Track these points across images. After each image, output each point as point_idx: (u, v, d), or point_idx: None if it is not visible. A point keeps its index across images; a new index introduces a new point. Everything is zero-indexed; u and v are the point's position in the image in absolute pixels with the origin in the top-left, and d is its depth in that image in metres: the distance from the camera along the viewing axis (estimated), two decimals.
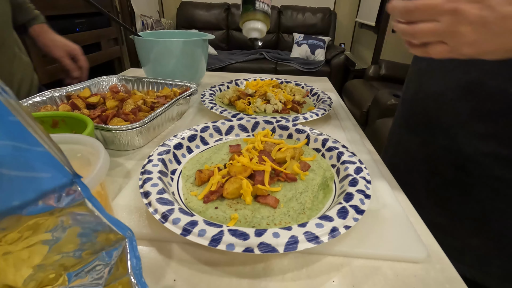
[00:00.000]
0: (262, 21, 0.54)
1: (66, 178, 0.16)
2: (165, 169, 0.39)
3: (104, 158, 0.27)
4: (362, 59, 3.35)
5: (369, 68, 2.70)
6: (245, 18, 0.54)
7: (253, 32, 0.55)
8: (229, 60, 2.81)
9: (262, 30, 0.55)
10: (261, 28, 0.55)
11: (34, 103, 0.53)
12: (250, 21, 0.54)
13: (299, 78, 1.00)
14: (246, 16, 0.54)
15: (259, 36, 0.56)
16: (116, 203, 0.36)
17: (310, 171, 0.42)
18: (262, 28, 0.55)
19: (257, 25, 0.54)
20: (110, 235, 0.17)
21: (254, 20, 0.54)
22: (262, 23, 0.55)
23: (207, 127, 0.51)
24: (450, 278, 0.29)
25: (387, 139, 0.64)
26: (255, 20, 0.54)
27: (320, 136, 0.48)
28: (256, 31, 0.55)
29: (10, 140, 0.14)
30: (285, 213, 0.34)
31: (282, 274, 0.29)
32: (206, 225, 0.29)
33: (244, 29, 0.56)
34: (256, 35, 0.55)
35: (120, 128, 0.46)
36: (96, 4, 0.68)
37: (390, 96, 1.83)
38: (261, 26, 0.54)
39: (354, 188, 0.35)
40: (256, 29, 0.55)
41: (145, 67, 0.80)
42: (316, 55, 2.99)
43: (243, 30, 0.56)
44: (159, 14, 3.32)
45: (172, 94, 0.64)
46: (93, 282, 0.17)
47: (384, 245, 0.31)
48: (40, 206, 0.15)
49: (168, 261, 0.30)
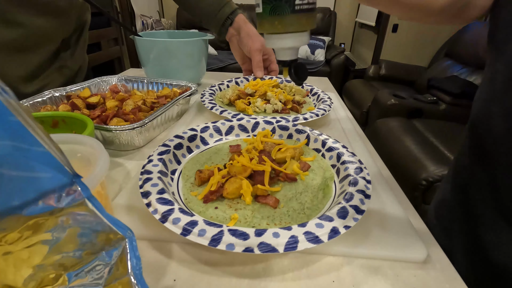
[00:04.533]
0: (304, 29, 0.30)
1: (66, 178, 0.16)
2: (165, 169, 0.39)
3: (104, 158, 0.27)
4: (362, 59, 3.35)
5: (369, 68, 2.70)
6: (274, 27, 0.30)
7: (289, 52, 0.32)
8: (229, 60, 2.81)
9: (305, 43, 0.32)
10: (305, 42, 0.31)
11: (34, 103, 0.53)
12: (284, 35, 0.30)
13: None
14: (278, 23, 0.29)
15: (296, 55, 0.33)
16: (116, 203, 0.36)
17: (310, 171, 0.42)
18: (305, 42, 0.31)
19: (298, 40, 0.30)
20: (110, 235, 0.17)
21: (295, 32, 0.30)
22: (306, 33, 0.31)
23: (207, 127, 0.50)
24: (450, 278, 0.29)
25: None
26: (296, 32, 0.30)
27: (320, 136, 0.48)
28: (294, 49, 0.32)
29: (10, 140, 0.14)
30: (285, 213, 0.34)
31: (282, 274, 0.29)
32: (206, 225, 0.29)
33: (272, 45, 0.32)
34: (293, 55, 0.32)
35: (120, 128, 0.46)
36: (96, 4, 0.68)
37: (390, 96, 1.83)
38: (305, 40, 0.31)
39: (354, 188, 0.35)
40: (295, 48, 0.32)
41: (145, 67, 0.80)
42: (316, 55, 2.99)
43: (267, 43, 0.32)
44: (159, 14, 3.32)
45: (172, 94, 0.64)
46: (93, 282, 0.17)
47: (384, 245, 0.31)
48: (40, 206, 0.15)
49: (168, 261, 0.30)
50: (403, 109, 1.79)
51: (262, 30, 0.31)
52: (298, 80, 0.33)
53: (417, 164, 1.28)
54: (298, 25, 0.29)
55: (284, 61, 0.33)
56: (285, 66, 0.33)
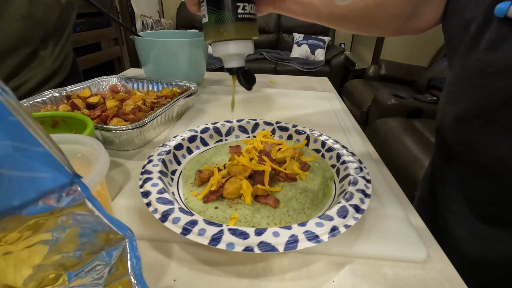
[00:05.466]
0: (249, 37, 0.32)
1: (66, 178, 0.16)
2: (165, 169, 0.39)
3: (104, 158, 0.27)
4: (362, 59, 3.35)
5: (369, 68, 2.70)
6: (220, 34, 0.31)
7: (236, 60, 0.33)
8: None
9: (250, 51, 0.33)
10: (250, 50, 0.33)
11: (34, 103, 0.53)
12: (229, 42, 0.31)
13: (299, 78, 1.00)
14: (223, 31, 0.31)
15: (243, 63, 0.33)
16: (116, 203, 0.36)
17: (310, 171, 0.43)
18: (250, 50, 0.33)
19: (243, 47, 0.32)
20: (110, 235, 0.17)
21: (239, 39, 0.31)
22: (250, 41, 0.32)
23: (207, 128, 0.51)
24: (450, 278, 0.29)
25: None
26: (240, 39, 0.31)
27: (320, 137, 0.48)
28: (241, 57, 0.33)
29: (10, 140, 0.14)
30: (285, 213, 0.34)
31: (282, 274, 0.29)
32: (206, 224, 0.29)
33: (219, 53, 0.33)
34: (240, 62, 0.33)
35: (120, 128, 0.46)
36: (96, 4, 0.68)
37: (390, 96, 1.83)
38: (250, 47, 0.33)
39: (354, 188, 0.35)
40: (241, 54, 0.33)
41: (145, 67, 0.80)
42: (316, 55, 2.99)
43: (214, 51, 0.33)
44: (159, 14, 3.32)
45: (172, 94, 0.64)
46: (93, 282, 0.17)
47: (384, 245, 0.31)
48: (40, 206, 0.15)
49: (168, 261, 0.30)
50: (403, 109, 1.80)
51: (209, 39, 0.33)
52: (247, 85, 0.34)
53: (417, 164, 1.28)
54: (242, 32, 0.31)
55: (232, 68, 0.34)
56: (233, 74, 0.34)
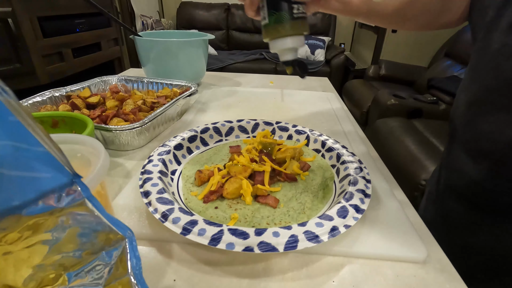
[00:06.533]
0: (302, 33, 0.37)
1: (66, 178, 0.16)
2: (165, 169, 0.39)
3: (104, 158, 0.27)
4: (362, 59, 3.35)
5: (369, 68, 2.70)
6: (279, 32, 0.36)
7: (291, 53, 0.37)
8: (229, 60, 2.81)
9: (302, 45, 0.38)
10: (302, 43, 0.37)
11: (34, 103, 0.53)
12: (287, 38, 0.36)
13: (299, 79, 0.99)
14: (281, 29, 0.36)
15: (297, 55, 0.38)
16: (116, 203, 0.36)
17: (310, 171, 0.42)
18: (302, 44, 0.37)
19: (297, 42, 0.36)
20: (110, 235, 0.17)
21: (294, 35, 0.36)
22: (302, 36, 0.37)
23: (207, 128, 0.51)
24: (450, 278, 0.29)
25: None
26: (295, 35, 0.36)
27: (320, 137, 0.48)
28: (295, 50, 0.38)
29: (10, 140, 0.14)
30: (285, 213, 0.34)
31: (282, 274, 0.29)
32: (206, 224, 0.29)
33: (277, 49, 0.37)
34: (295, 55, 0.38)
35: (120, 128, 0.46)
36: (96, 4, 0.68)
37: (390, 96, 1.83)
38: (302, 41, 0.37)
39: (354, 188, 0.35)
40: (296, 48, 0.37)
41: (145, 67, 0.80)
42: (316, 55, 2.99)
43: (272, 47, 0.38)
44: (159, 14, 3.32)
45: (172, 94, 0.64)
46: (93, 282, 0.17)
47: (384, 245, 0.31)
48: (40, 206, 0.15)
49: (168, 261, 0.30)
50: (403, 109, 1.79)
51: (268, 37, 0.37)
52: (302, 74, 0.39)
53: (417, 164, 1.28)
54: (297, 29, 0.36)
55: (288, 60, 0.38)
56: (289, 65, 0.39)
